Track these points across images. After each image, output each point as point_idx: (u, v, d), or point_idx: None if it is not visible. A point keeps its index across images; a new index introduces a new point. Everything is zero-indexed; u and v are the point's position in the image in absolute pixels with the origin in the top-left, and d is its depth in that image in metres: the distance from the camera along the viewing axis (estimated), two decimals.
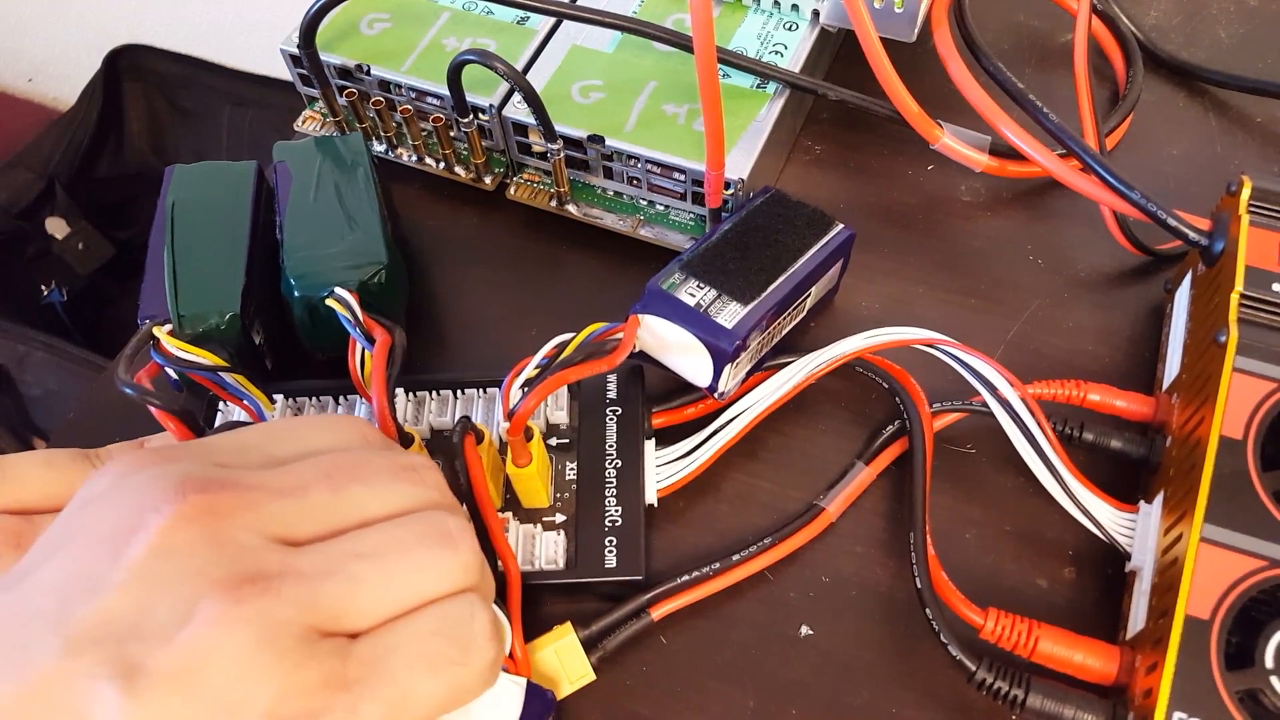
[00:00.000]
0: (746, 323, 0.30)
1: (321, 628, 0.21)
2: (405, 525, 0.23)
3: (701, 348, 0.30)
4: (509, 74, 0.34)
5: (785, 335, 0.34)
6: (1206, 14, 0.46)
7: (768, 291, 0.31)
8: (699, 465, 0.32)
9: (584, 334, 0.30)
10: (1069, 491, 0.30)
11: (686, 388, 0.33)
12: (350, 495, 0.23)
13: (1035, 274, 0.38)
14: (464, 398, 0.33)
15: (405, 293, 0.35)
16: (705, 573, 0.31)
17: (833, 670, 0.30)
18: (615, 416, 0.33)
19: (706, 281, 0.31)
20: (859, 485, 0.33)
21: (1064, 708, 0.27)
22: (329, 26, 0.39)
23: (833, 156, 0.42)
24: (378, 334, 0.30)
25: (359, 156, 0.36)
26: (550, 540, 0.31)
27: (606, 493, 0.31)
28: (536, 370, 0.29)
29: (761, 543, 0.31)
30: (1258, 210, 0.30)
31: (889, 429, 0.34)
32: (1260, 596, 0.24)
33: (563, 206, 0.39)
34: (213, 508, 0.21)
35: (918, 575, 0.29)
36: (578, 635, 0.29)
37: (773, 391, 0.33)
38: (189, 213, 0.34)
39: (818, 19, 0.39)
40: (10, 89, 1.35)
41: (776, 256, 0.32)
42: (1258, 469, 0.26)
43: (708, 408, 0.34)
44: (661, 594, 0.30)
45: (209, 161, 0.36)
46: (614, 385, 0.33)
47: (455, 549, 0.23)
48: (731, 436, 0.33)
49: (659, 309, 0.31)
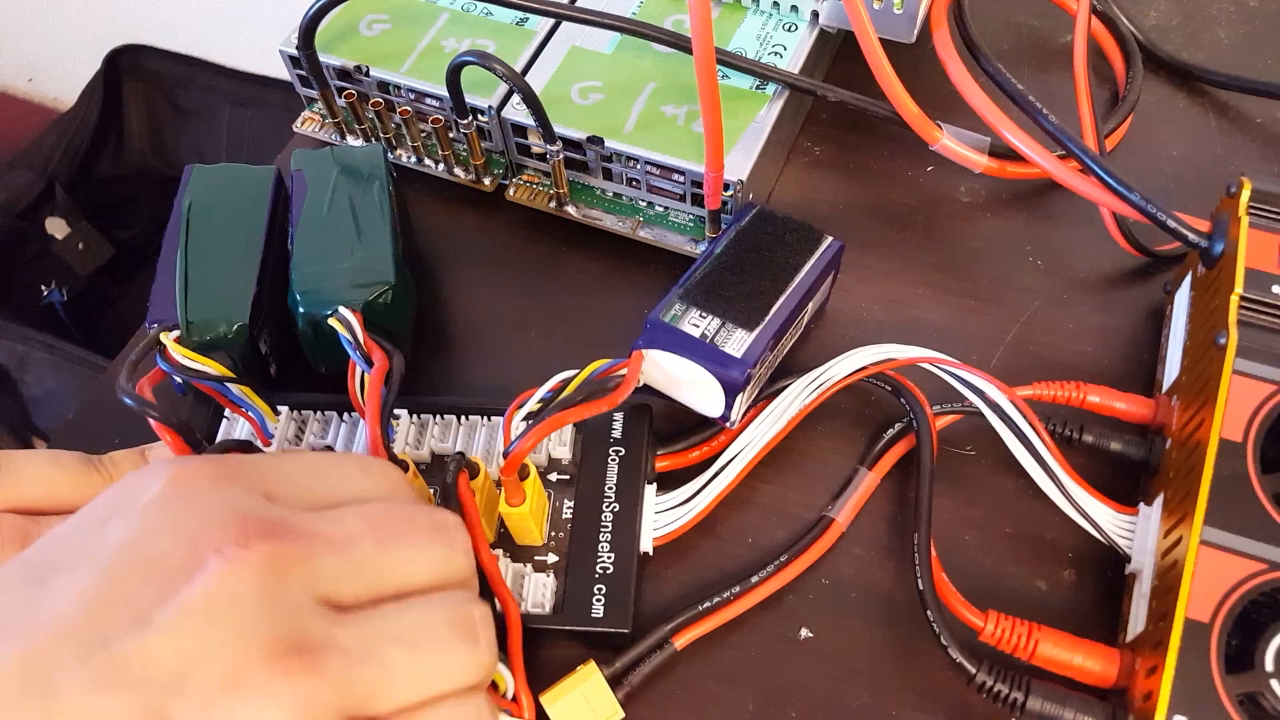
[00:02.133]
0: (755, 349, 0.30)
1: (350, 712, 0.20)
2: (437, 609, 0.23)
3: (712, 379, 0.30)
4: (508, 75, 0.34)
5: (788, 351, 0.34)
6: (1206, 14, 0.46)
7: (771, 314, 0.31)
8: (697, 514, 0.32)
9: (586, 371, 0.29)
10: (1067, 495, 0.30)
11: (693, 419, 0.32)
12: (394, 555, 0.23)
13: (1035, 275, 0.38)
14: (467, 424, 0.33)
15: (412, 311, 0.35)
16: (726, 597, 0.30)
17: (832, 672, 0.30)
18: (618, 457, 0.32)
19: (709, 310, 0.31)
20: (865, 492, 0.33)
21: (1064, 710, 0.27)
22: (328, 27, 0.39)
23: (832, 157, 0.42)
24: (377, 357, 0.30)
25: (376, 170, 0.35)
26: (540, 582, 0.30)
27: (601, 537, 0.30)
28: (539, 404, 0.29)
29: (778, 560, 0.31)
30: (1257, 212, 0.30)
31: (890, 432, 0.34)
32: (1260, 599, 0.24)
33: (562, 208, 0.39)
34: (274, 559, 0.20)
35: (921, 577, 0.29)
36: (602, 673, 0.29)
37: (771, 425, 0.33)
38: (205, 216, 0.34)
39: (817, 20, 0.39)
40: (10, 89, 1.35)
41: (774, 277, 0.32)
42: (1257, 471, 0.26)
43: (713, 449, 0.33)
44: (684, 622, 0.30)
45: (229, 164, 0.36)
46: (619, 424, 0.33)
47: (477, 645, 0.23)
48: (730, 481, 0.32)
49: (663, 342, 0.30)
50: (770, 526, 0.33)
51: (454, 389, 0.36)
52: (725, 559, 0.32)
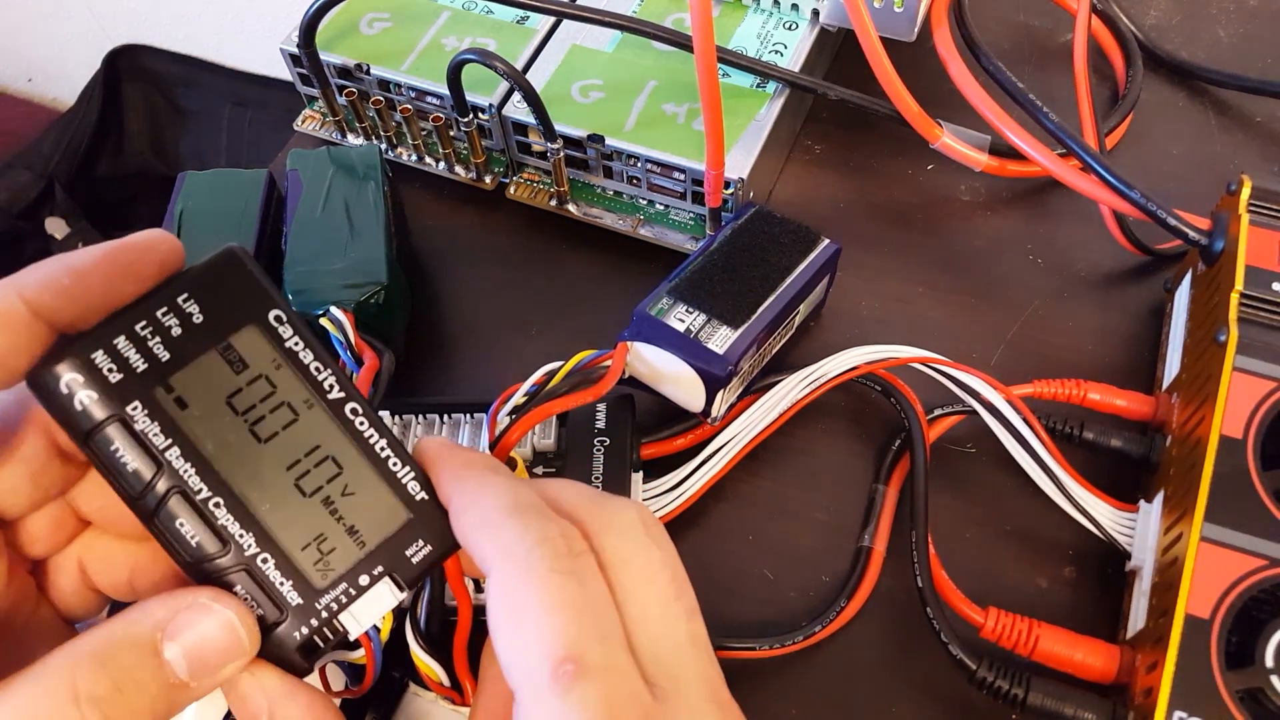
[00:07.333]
0: (738, 347, 0.30)
1: None
2: None
3: (694, 375, 0.30)
4: (509, 73, 0.34)
5: (776, 351, 0.34)
6: (1206, 14, 0.46)
7: (758, 314, 0.31)
8: (687, 498, 0.32)
9: (571, 362, 0.29)
10: (1065, 492, 0.30)
11: (677, 413, 0.32)
12: None
13: (1035, 273, 0.38)
14: (450, 422, 0.33)
15: (406, 310, 0.35)
16: (786, 642, 0.29)
17: (833, 669, 0.30)
18: (603, 447, 0.32)
19: (696, 306, 0.31)
20: (890, 510, 0.32)
21: (1064, 706, 0.27)
22: (329, 26, 0.39)
23: (833, 156, 0.42)
24: (367, 357, 0.30)
25: (372, 170, 0.35)
26: None
27: None
28: (525, 398, 0.29)
29: (837, 604, 0.30)
30: (1258, 210, 0.30)
31: (896, 443, 0.33)
32: (1260, 595, 0.24)
33: (562, 206, 0.39)
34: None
35: (919, 574, 0.29)
36: None
37: (762, 418, 0.33)
38: (196, 221, 0.34)
39: (817, 18, 0.39)
40: (10, 89, 1.35)
41: (765, 276, 0.32)
42: (1258, 468, 0.26)
43: (697, 437, 0.33)
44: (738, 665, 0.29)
45: (220, 170, 0.36)
46: (603, 414, 0.32)
47: None
48: (721, 467, 0.32)
49: (649, 335, 0.30)
50: (770, 524, 0.33)
51: (454, 387, 0.36)
52: (726, 556, 0.32)
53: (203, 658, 0.18)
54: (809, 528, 0.33)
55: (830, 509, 0.33)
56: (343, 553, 0.20)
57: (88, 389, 0.18)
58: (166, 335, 0.19)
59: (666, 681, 0.19)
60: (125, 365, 0.19)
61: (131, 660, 0.18)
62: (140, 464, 0.19)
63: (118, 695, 0.17)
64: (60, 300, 0.18)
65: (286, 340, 0.20)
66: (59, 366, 0.18)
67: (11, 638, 0.20)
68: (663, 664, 0.19)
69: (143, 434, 0.19)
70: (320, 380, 0.20)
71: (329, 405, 0.20)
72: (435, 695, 0.28)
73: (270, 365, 0.20)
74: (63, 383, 0.18)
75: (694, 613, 0.21)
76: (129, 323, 0.19)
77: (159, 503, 0.19)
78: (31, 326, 0.18)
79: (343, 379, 0.21)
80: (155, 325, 0.19)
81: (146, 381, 0.19)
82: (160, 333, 0.19)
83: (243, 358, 0.20)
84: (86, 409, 0.18)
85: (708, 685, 0.20)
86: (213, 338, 0.19)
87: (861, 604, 0.31)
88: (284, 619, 0.20)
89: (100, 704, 0.17)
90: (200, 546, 0.19)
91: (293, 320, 0.20)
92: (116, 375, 0.18)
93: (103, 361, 0.18)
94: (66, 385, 0.18)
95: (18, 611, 0.20)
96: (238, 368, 0.20)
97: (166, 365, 0.19)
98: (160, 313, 0.19)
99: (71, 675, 0.17)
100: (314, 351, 0.20)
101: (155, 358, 0.19)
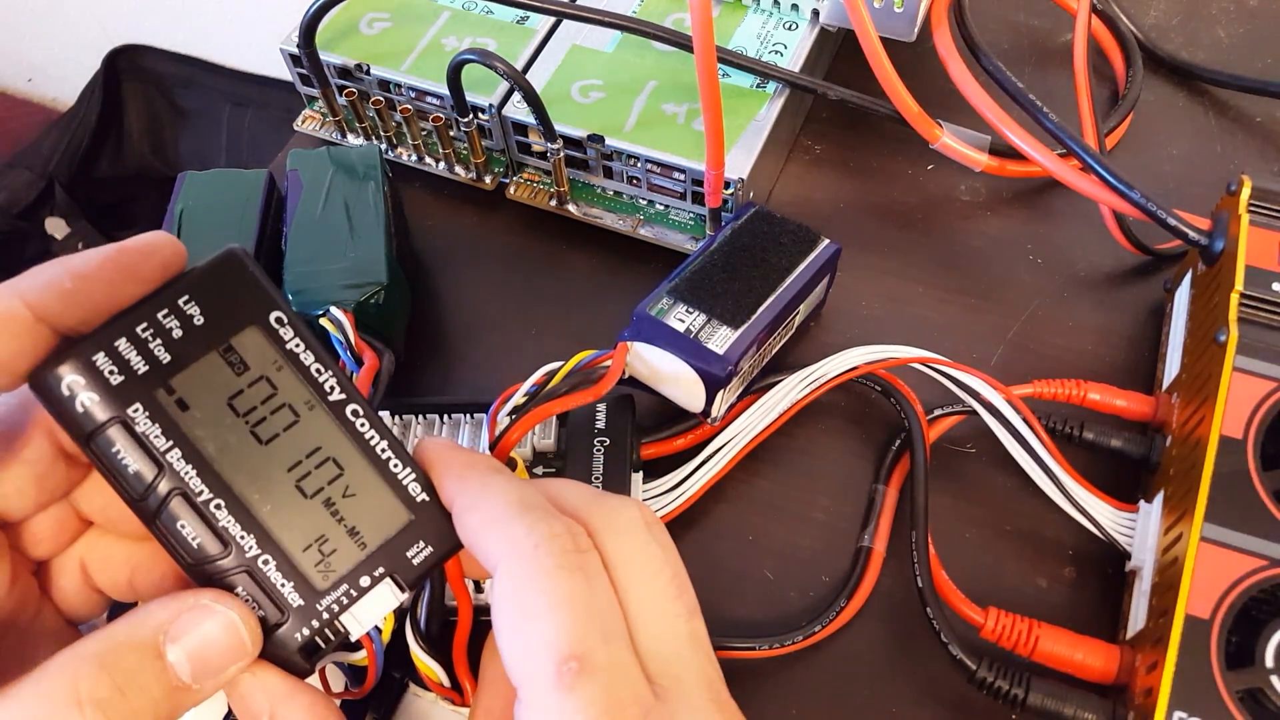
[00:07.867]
0: (738, 347, 0.30)
1: None
2: None
3: (694, 375, 0.30)
4: (509, 73, 0.34)
5: (776, 351, 0.34)
6: (1206, 14, 0.46)
7: (758, 314, 0.31)
8: (687, 499, 0.32)
9: (571, 363, 0.29)
10: (1065, 492, 0.30)
11: (677, 413, 0.33)
12: None
13: (1035, 273, 0.38)
14: (450, 423, 0.33)
15: (406, 310, 0.35)
16: (786, 642, 0.30)
17: (833, 669, 0.30)
18: (603, 447, 0.32)
19: (696, 306, 0.31)
20: (890, 510, 0.32)
21: (1064, 707, 0.27)
22: (329, 26, 0.39)
23: (833, 156, 0.42)
24: (367, 357, 0.30)
25: (372, 170, 0.35)
26: None
27: None
28: (525, 398, 0.29)
29: (837, 604, 0.30)
30: (1258, 210, 0.30)
31: (896, 443, 0.33)
32: (1260, 595, 0.24)
33: (563, 206, 0.39)
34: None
35: (919, 574, 0.29)
36: None
37: (762, 418, 0.33)
38: (196, 221, 0.34)
39: (817, 19, 0.39)
40: (10, 89, 1.35)
41: (765, 276, 0.32)
42: (1258, 468, 0.26)
43: (698, 437, 0.33)
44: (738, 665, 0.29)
45: (220, 170, 0.36)
46: (603, 414, 0.32)
47: None
48: (721, 467, 0.32)
49: (648, 335, 0.30)
50: (770, 524, 0.33)
51: (454, 387, 0.36)
52: (726, 556, 0.32)
53: (205, 659, 0.18)
54: (809, 528, 0.33)
55: (830, 509, 0.33)
56: (344, 554, 0.20)
57: (89, 391, 0.18)
58: (168, 337, 0.19)
59: (667, 680, 0.19)
60: (127, 367, 0.19)
61: (134, 662, 0.18)
62: (142, 466, 0.19)
63: (120, 698, 0.17)
64: (62, 303, 0.18)
65: (287, 341, 0.20)
66: (60, 368, 0.18)
67: (15, 639, 0.20)
68: (664, 663, 0.19)
69: (144, 436, 0.19)
70: (321, 381, 0.20)
71: (330, 407, 0.20)
72: (435, 696, 0.28)
73: (271, 367, 0.20)
74: (64, 384, 0.18)
75: (694, 612, 0.21)
76: (130, 325, 0.19)
77: (160, 504, 0.19)
78: (34, 330, 0.18)
79: (343, 380, 0.21)
80: (156, 327, 0.19)
81: (148, 383, 0.19)
82: (161, 335, 0.19)
83: (244, 359, 0.20)
84: (88, 411, 0.18)
85: (708, 685, 0.20)
86: (214, 339, 0.19)
87: (861, 604, 0.31)
88: (285, 620, 0.20)
89: (103, 706, 0.17)
90: (202, 548, 0.19)
91: (293, 321, 0.20)
92: (118, 377, 0.18)
93: (104, 363, 0.18)
94: (68, 387, 0.18)
95: (22, 613, 0.21)
96: (239, 369, 0.20)
97: (168, 367, 0.19)
98: (161, 315, 0.19)
99: (74, 678, 0.17)
100: (315, 353, 0.20)
101: (156, 360, 0.19)
